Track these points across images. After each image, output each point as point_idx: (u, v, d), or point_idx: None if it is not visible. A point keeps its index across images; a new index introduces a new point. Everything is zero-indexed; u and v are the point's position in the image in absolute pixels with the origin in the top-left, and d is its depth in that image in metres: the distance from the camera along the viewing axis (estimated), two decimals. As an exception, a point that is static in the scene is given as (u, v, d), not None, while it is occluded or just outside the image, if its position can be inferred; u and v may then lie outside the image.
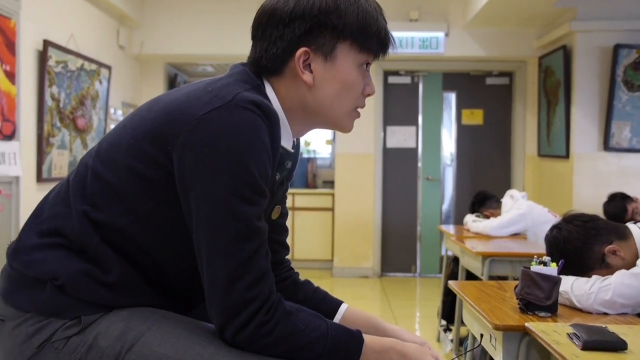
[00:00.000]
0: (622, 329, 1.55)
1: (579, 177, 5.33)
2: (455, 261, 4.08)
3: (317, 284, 1.43)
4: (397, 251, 6.59)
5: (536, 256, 1.80)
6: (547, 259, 1.78)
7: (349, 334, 1.13)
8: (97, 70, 5.17)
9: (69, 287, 1.09)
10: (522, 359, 1.67)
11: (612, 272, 1.86)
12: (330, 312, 1.35)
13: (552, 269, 1.76)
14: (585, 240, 1.93)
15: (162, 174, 1.08)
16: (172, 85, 6.81)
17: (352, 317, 1.35)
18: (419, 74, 6.66)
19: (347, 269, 6.49)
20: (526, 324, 1.62)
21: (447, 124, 6.80)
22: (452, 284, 2.18)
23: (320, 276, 6.33)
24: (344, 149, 6.51)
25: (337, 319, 1.35)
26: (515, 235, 3.73)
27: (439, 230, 4.41)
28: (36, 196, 4.28)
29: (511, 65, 6.51)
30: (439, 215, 6.70)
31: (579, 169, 5.33)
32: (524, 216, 3.72)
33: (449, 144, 6.81)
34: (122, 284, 1.12)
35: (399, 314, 5.10)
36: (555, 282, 1.74)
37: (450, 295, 4.16)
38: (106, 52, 5.51)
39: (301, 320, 1.09)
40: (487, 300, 1.93)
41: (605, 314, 1.79)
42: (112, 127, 1.25)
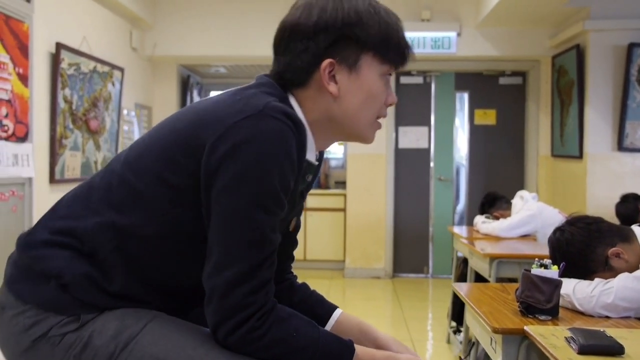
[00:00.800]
0: (622, 333, 1.53)
1: (593, 177, 5.28)
2: (465, 262, 4.06)
3: (328, 285, 1.46)
4: (409, 252, 6.58)
5: (537, 259, 1.79)
6: (547, 261, 1.77)
7: (340, 344, 1.14)
8: (110, 72, 5.22)
9: (71, 287, 1.12)
10: (522, 363, 1.66)
11: (615, 275, 1.84)
12: (324, 316, 1.37)
13: (553, 272, 1.75)
14: (588, 242, 1.91)
15: (191, 182, 1.09)
16: (184, 86, 6.86)
17: (345, 322, 1.37)
18: (432, 74, 6.64)
19: (359, 270, 6.48)
20: (525, 328, 1.61)
21: (459, 124, 6.77)
22: (455, 286, 2.18)
23: (331, 277, 6.32)
24: (356, 150, 6.50)
25: (330, 323, 1.37)
26: (525, 236, 3.71)
27: (449, 231, 4.39)
28: (49, 197, 4.34)
29: (524, 64, 6.46)
30: (452, 215, 6.67)
31: (593, 169, 5.28)
32: (534, 217, 3.69)
33: (462, 145, 6.77)
34: (123, 294, 1.15)
35: (410, 315, 5.08)
36: (556, 285, 1.72)
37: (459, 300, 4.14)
38: (119, 54, 5.56)
39: (293, 326, 1.11)
40: (488, 302, 1.92)
41: (607, 317, 1.77)
42: (138, 134, 1.27)
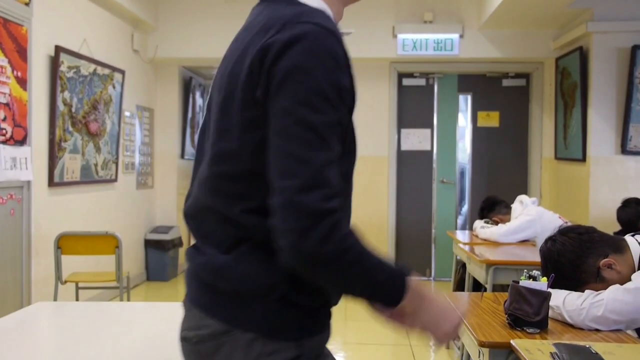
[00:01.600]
0: (610, 348, 1.50)
1: (596, 180, 5.23)
2: (464, 267, 4.03)
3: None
4: (412, 254, 6.54)
5: (525, 270, 1.76)
6: (536, 273, 1.74)
7: (399, 265, 1.07)
8: (110, 74, 5.22)
9: (290, 296, 1.05)
10: (509, 376, 1.64)
11: (607, 287, 1.81)
12: None
13: (541, 284, 1.72)
14: (579, 253, 1.88)
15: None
16: (187, 88, 6.85)
17: None
18: (434, 76, 6.60)
19: (361, 272, 6.44)
20: (511, 342, 1.58)
21: (462, 126, 6.72)
22: (447, 296, 2.15)
23: (333, 279, 6.30)
24: (358, 151, 6.44)
25: None
26: (524, 241, 3.67)
27: (449, 235, 4.35)
28: (47, 200, 4.34)
29: (528, 66, 6.42)
30: (454, 218, 6.64)
31: (596, 172, 5.23)
32: (533, 222, 3.66)
33: (465, 147, 6.73)
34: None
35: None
36: (544, 297, 1.70)
37: (459, 301, 4.11)
38: (120, 57, 5.57)
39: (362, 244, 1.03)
40: (478, 314, 1.90)
41: (597, 330, 1.74)
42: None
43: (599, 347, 1.47)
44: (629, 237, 1.94)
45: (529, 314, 1.68)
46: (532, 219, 3.66)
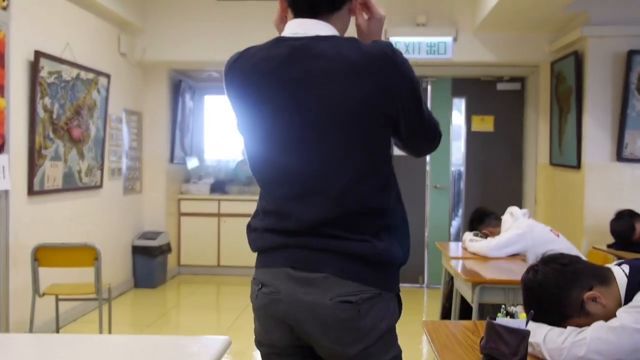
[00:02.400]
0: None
1: (591, 188, 5.12)
2: (453, 279, 3.92)
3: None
4: (404, 261, 6.43)
5: (503, 305, 1.65)
6: (514, 309, 1.63)
7: None
8: (95, 79, 5.11)
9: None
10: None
11: (592, 321, 1.70)
12: None
13: (520, 322, 1.61)
14: (562, 285, 1.77)
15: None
16: (176, 90, 6.73)
17: None
18: (428, 79, 6.49)
19: (353, 279, 6.33)
20: (485, 386, 1.47)
21: (456, 130, 6.61)
22: (424, 325, 2.04)
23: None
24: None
25: None
26: (514, 256, 3.56)
27: (437, 247, 4.24)
28: (27, 210, 4.23)
29: (523, 70, 6.30)
30: (448, 224, 6.53)
31: (591, 180, 5.12)
32: (523, 236, 3.55)
33: (459, 152, 6.62)
34: None
35: (401, 328, 4.93)
36: (523, 336, 1.58)
37: (448, 316, 4.00)
38: (106, 60, 5.45)
39: None
40: (453, 348, 1.79)
41: (579, 370, 1.63)
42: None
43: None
44: (614, 267, 1.83)
45: (505, 355, 1.57)
46: (522, 232, 3.55)
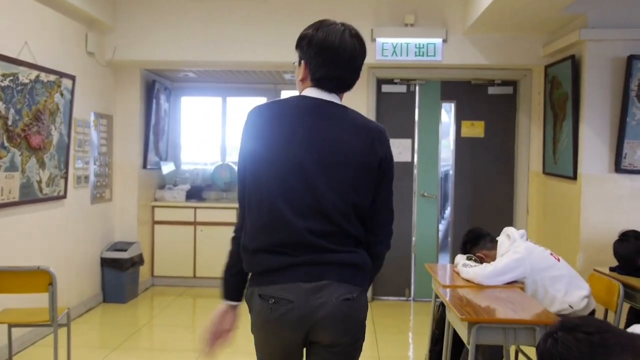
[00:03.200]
0: None
1: (588, 200, 4.83)
2: (444, 306, 3.61)
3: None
4: (390, 273, 6.09)
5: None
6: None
7: None
8: (57, 81, 4.72)
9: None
10: None
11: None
12: None
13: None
14: None
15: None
16: (150, 92, 6.34)
17: None
18: (416, 82, 6.17)
19: (336, 292, 6.01)
20: None
21: (445, 136, 6.30)
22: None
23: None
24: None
25: None
26: (511, 283, 3.25)
27: (427, 269, 3.92)
28: (-24, 227, 3.84)
29: (515, 73, 6.00)
30: (436, 235, 6.22)
31: (588, 191, 4.83)
32: (522, 261, 3.24)
33: (447, 159, 6.31)
34: None
35: (386, 344, 4.63)
36: None
37: (439, 344, 3.69)
38: (71, 60, 5.06)
39: None
40: None
41: None
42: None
43: None
44: (648, 333, 1.51)
45: None
46: (520, 257, 3.24)
